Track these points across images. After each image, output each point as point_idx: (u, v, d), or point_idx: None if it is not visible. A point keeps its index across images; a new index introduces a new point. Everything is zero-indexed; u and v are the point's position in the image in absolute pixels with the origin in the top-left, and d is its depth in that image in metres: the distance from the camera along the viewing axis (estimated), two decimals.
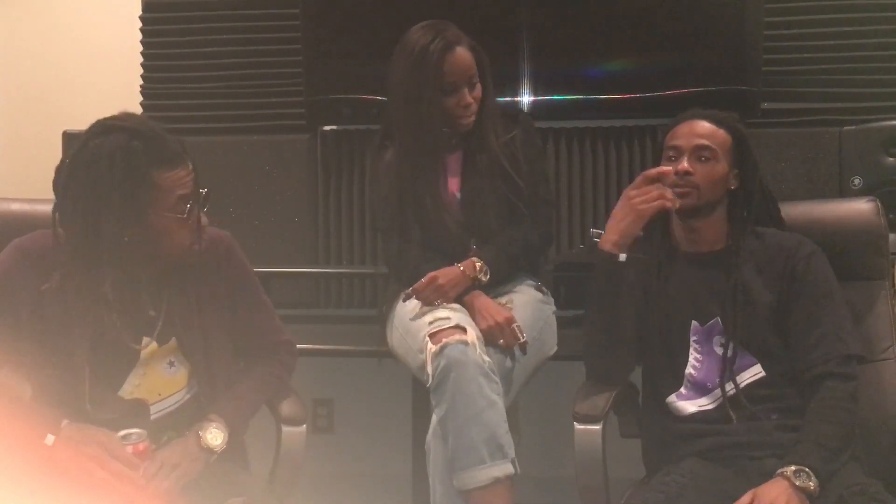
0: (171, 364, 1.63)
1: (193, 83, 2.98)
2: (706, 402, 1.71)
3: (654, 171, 1.75)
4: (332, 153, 2.89)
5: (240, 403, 1.65)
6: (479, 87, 2.03)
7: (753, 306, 1.73)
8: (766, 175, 1.87)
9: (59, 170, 1.55)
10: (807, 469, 1.53)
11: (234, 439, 1.61)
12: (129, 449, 1.48)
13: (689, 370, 1.74)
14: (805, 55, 2.76)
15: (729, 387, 1.69)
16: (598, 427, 1.65)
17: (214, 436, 1.56)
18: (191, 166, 1.56)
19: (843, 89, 2.74)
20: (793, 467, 1.53)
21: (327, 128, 2.90)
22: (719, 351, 1.72)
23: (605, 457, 1.64)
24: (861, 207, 1.93)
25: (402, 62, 2.01)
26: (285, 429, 1.71)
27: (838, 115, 2.68)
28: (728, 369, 1.70)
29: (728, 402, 1.68)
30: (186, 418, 1.61)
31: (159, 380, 1.62)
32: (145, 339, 1.60)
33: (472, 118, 2.03)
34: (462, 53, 1.99)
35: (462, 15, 2.08)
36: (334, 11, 2.81)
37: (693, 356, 1.74)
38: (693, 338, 1.75)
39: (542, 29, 2.73)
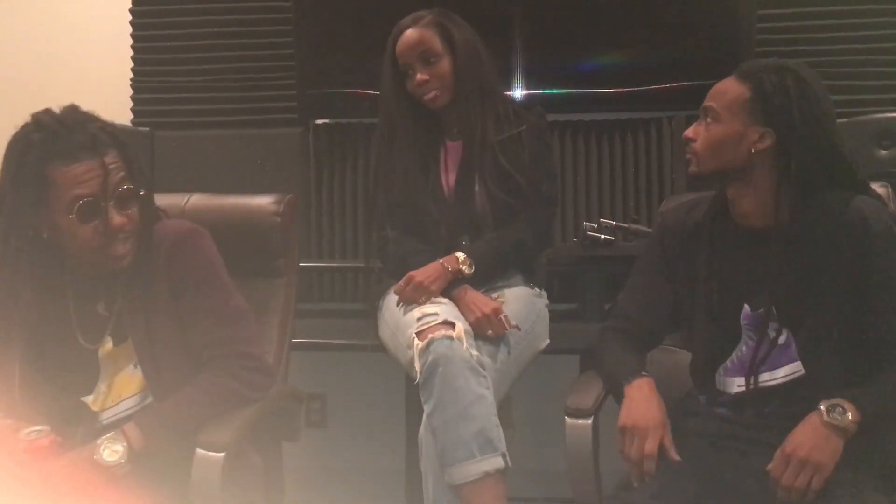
0: (136, 365, 1.55)
1: (184, 76, 2.97)
2: (742, 384, 1.58)
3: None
4: (324, 147, 2.89)
5: (168, 415, 1.46)
6: (442, 63, 2.01)
7: (814, 297, 1.53)
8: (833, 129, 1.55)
9: None
10: (843, 404, 1.38)
11: (153, 455, 1.43)
12: (22, 445, 1.40)
13: (740, 348, 1.59)
14: (797, 48, 2.76)
15: (764, 378, 1.56)
16: (588, 421, 1.64)
17: (110, 451, 1.39)
18: (101, 162, 1.42)
19: (834, 82, 2.73)
20: (830, 401, 1.38)
21: (320, 121, 2.90)
22: (772, 335, 1.55)
23: (597, 450, 1.63)
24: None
25: None
26: (199, 452, 1.44)
27: None
28: (758, 360, 1.55)
29: (748, 395, 1.56)
30: None
31: (126, 382, 1.55)
32: (106, 338, 1.54)
33: (435, 94, 2.02)
34: (409, 34, 2.01)
35: (455, 9, 2.08)
36: (327, 5, 2.81)
37: (746, 337, 1.59)
38: (744, 322, 1.59)
39: (534, 23, 2.73)
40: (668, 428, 1.54)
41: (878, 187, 1.79)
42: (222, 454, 1.43)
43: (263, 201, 1.91)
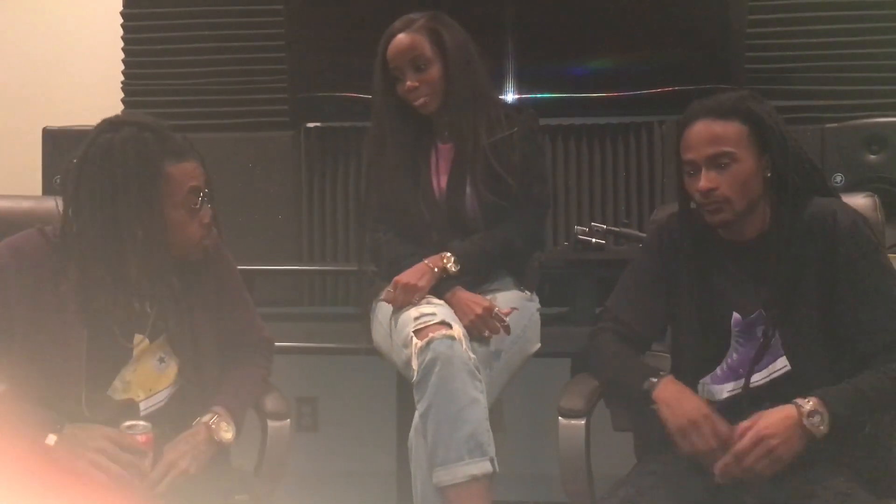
0: (162, 360, 1.61)
1: (175, 79, 2.97)
2: (734, 388, 1.62)
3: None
4: (315, 150, 2.89)
5: (240, 396, 1.67)
6: (432, 69, 2.01)
7: (797, 294, 1.59)
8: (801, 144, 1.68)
9: (66, 169, 1.54)
10: (821, 410, 1.44)
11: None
12: (141, 438, 1.48)
13: (730, 355, 1.64)
14: (788, 53, 2.78)
15: (755, 377, 1.60)
16: (581, 422, 1.64)
17: (227, 429, 1.57)
18: (203, 161, 1.58)
19: (825, 87, 2.76)
20: (811, 404, 1.45)
21: (311, 124, 2.90)
22: (761, 338, 1.61)
23: (590, 452, 1.64)
24: (859, 203, 1.86)
25: None
26: (271, 423, 1.70)
27: (820, 113, 2.70)
28: (753, 362, 1.60)
29: (744, 397, 1.60)
30: (172, 414, 1.59)
31: (150, 376, 1.60)
32: (137, 337, 1.59)
33: (424, 100, 2.02)
34: (400, 39, 2.00)
35: (447, 13, 2.08)
36: (318, 7, 2.80)
37: (735, 343, 1.64)
38: (735, 329, 1.64)
39: (527, 27, 2.74)
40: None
41: (863, 197, 1.86)
42: (287, 420, 1.71)
43: None
